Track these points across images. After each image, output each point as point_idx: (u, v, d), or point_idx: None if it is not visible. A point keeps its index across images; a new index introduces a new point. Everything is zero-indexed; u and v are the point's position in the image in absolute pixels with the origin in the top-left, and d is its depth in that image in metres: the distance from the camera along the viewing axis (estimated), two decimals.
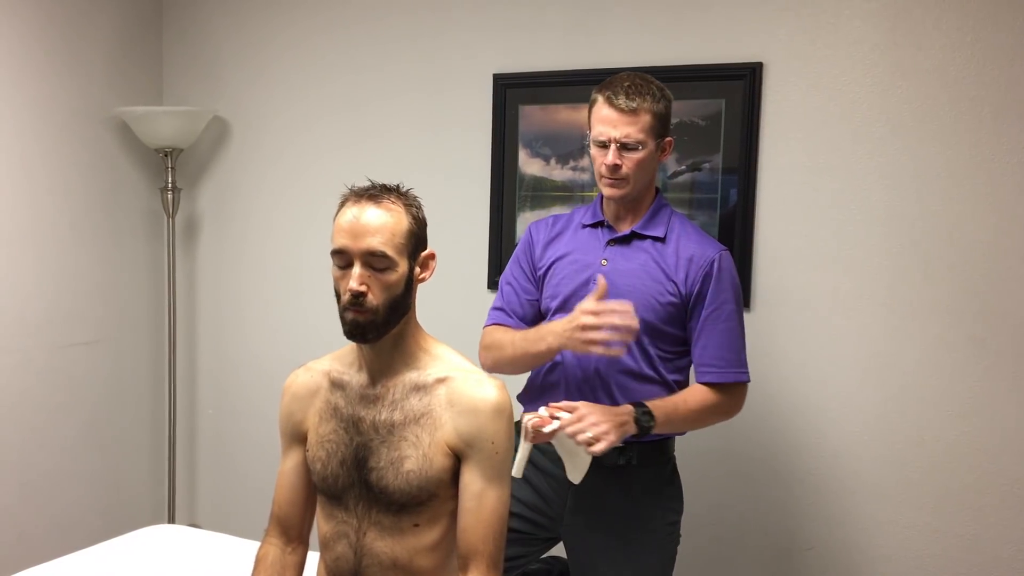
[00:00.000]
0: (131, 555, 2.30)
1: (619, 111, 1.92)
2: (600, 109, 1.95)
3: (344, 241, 1.51)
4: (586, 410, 1.83)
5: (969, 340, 2.30)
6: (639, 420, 1.87)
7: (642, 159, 1.94)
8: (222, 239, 3.31)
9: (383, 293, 1.51)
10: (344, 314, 1.53)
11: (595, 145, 1.97)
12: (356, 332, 1.53)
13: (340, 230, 1.52)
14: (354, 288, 1.49)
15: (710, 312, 1.97)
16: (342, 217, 1.53)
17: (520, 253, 2.17)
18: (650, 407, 1.89)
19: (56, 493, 3.03)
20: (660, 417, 1.89)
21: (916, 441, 2.37)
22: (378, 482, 1.57)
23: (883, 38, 2.34)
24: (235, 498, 3.34)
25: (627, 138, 1.92)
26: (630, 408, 1.88)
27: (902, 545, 2.40)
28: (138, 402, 3.32)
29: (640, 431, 1.87)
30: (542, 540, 2.11)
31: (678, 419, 1.95)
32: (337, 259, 1.53)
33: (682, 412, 1.94)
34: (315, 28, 3.07)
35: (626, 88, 1.93)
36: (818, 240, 2.44)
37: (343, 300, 1.52)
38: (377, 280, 1.51)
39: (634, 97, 1.91)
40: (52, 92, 2.92)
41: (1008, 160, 2.24)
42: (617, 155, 1.92)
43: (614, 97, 1.93)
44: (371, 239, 1.50)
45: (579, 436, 1.79)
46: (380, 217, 1.51)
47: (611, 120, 1.93)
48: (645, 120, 1.92)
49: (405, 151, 2.95)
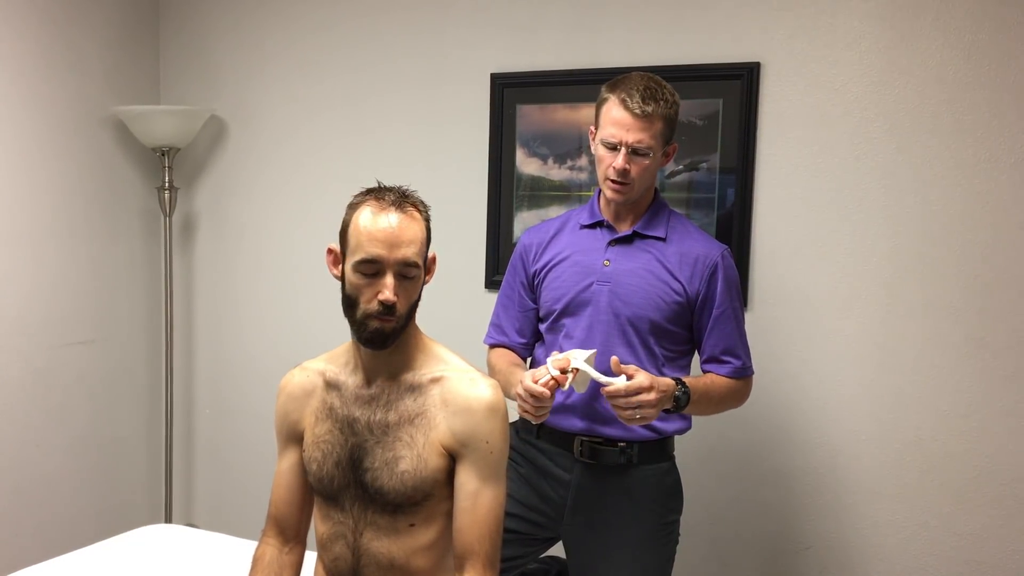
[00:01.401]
0: (128, 555, 2.29)
1: (633, 115, 1.89)
2: (612, 110, 1.92)
3: (379, 251, 1.49)
4: (648, 382, 1.78)
5: (967, 339, 2.30)
6: (678, 398, 1.87)
7: (649, 165, 1.94)
8: (219, 238, 3.31)
9: (406, 301, 1.53)
10: (367, 322, 1.51)
11: (604, 146, 1.94)
12: (378, 340, 1.53)
13: (373, 239, 1.49)
14: (388, 299, 1.48)
15: (721, 312, 1.98)
16: (372, 225, 1.50)
17: (514, 265, 2.17)
18: (688, 385, 1.90)
19: (52, 492, 3.02)
20: (694, 396, 1.90)
21: (914, 440, 2.37)
22: (373, 482, 1.56)
23: (880, 38, 2.34)
24: (232, 498, 3.34)
25: (639, 143, 1.89)
26: (673, 383, 1.87)
27: (900, 545, 2.40)
28: (135, 401, 3.31)
29: (674, 408, 1.88)
30: (541, 540, 2.11)
31: (705, 401, 1.95)
32: (365, 267, 1.50)
33: (711, 394, 1.96)
34: (313, 27, 3.06)
35: (641, 91, 1.89)
36: (815, 239, 2.44)
37: (367, 308, 1.51)
38: (403, 288, 1.51)
39: (649, 102, 1.88)
40: (49, 91, 2.91)
41: (1006, 160, 2.24)
42: (627, 159, 1.90)
43: (629, 100, 1.89)
44: (406, 249, 1.50)
45: (625, 412, 1.79)
46: (411, 227, 1.51)
47: (624, 124, 1.89)
48: (658, 127, 1.90)
49: (403, 150, 2.95)
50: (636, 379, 1.79)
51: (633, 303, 1.96)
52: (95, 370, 3.15)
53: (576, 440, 2.01)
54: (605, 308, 1.98)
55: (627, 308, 1.96)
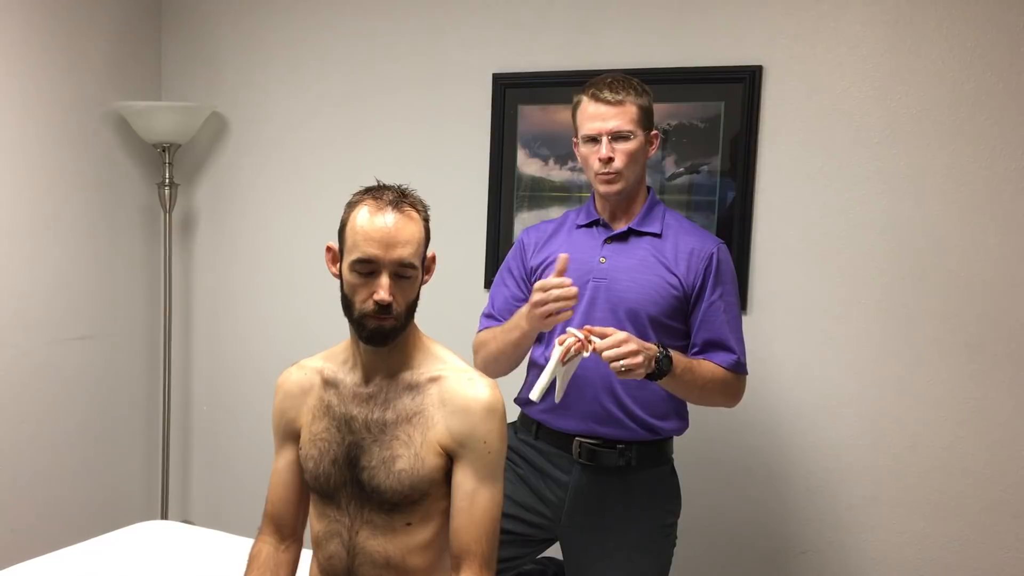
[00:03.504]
0: (124, 551, 2.29)
1: (606, 104, 1.94)
2: (586, 107, 1.97)
3: (375, 251, 1.49)
4: (624, 336, 1.78)
5: (965, 345, 2.30)
6: (659, 361, 1.84)
7: (633, 150, 1.95)
8: (219, 235, 3.31)
9: (404, 299, 1.53)
10: (364, 321, 1.52)
11: (585, 143, 1.98)
12: (378, 338, 1.53)
13: (369, 239, 1.49)
14: (384, 299, 1.49)
15: (712, 301, 1.98)
16: (368, 224, 1.50)
17: (511, 259, 2.17)
18: (671, 354, 1.87)
19: (49, 488, 3.02)
20: (676, 368, 1.86)
21: (910, 446, 2.37)
22: (370, 481, 1.56)
23: (882, 42, 2.34)
24: (228, 495, 3.33)
25: (618, 129, 1.93)
26: (656, 346, 1.85)
27: (896, 549, 2.40)
28: (132, 398, 3.31)
29: (656, 372, 1.84)
30: (538, 541, 2.11)
31: (688, 378, 1.91)
32: (361, 267, 1.50)
33: (696, 373, 1.92)
34: (314, 25, 3.06)
35: (608, 84, 1.96)
36: (816, 243, 2.44)
37: (364, 308, 1.51)
38: (400, 287, 1.52)
39: (618, 90, 1.95)
40: (51, 86, 2.91)
41: (1007, 165, 2.24)
42: (610, 147, 1.94)
43: (599, 92, 1.95)
44: (402, 250, 1.50)
45: (615, 363, 1.76)
46: (408, 227, 1.51)
47: (599, 114, 1.95)
48: (632, 111, 1.94)
49: (404, 150, 2.95)
50: (614, 337, 1.78)
51: (630, 298, 1.96)
52: (93, 366, 3.15)
53: (575, 441, 2.01)
54: (602, 304, 1.98)
55: (624, 303, 1.97)
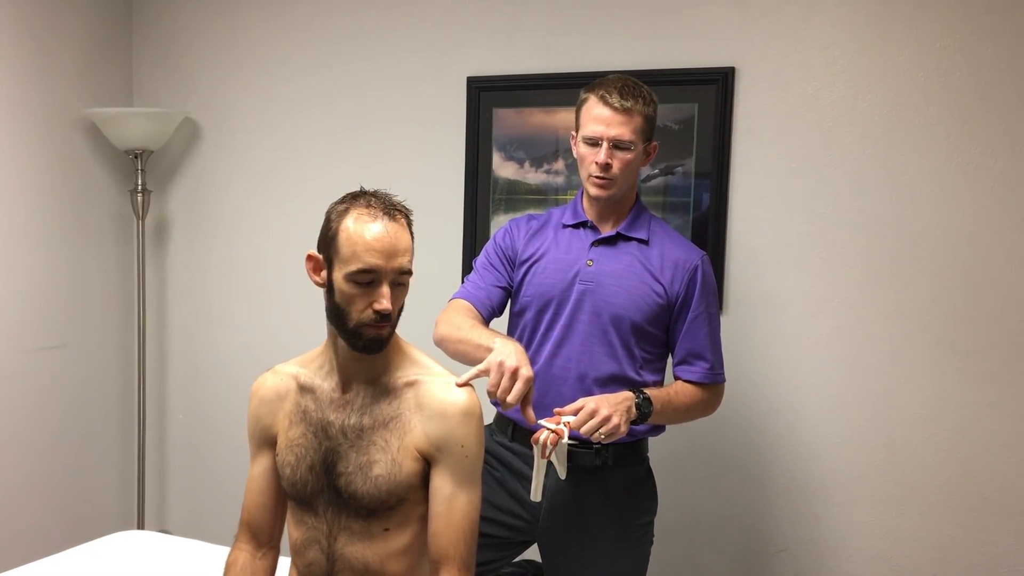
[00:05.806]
0: (100, 561, 2.27)
1: (613, 110, 1.92)
2: (593, 107, 1.96)
3: (377, 261, 1.48)
4: (593, 404, 1.79)
5: (940, 343, 2.33)
6: (640, 406, 1.86)
7: (631, 160, 1.96)
8: (192, 242, 3.28)
9: (397, 306, 1.54)
10: (362, 330, 1.51)
11: (585, 143, 1.97)
12: (375, 346, 1.53)
13: (370, 249, 1.48)
14: (386, 308, 1.49)
15: (696, 315, 1.99)
16: (368, 234, 1.48)
17: (500, 239, 2.14)
18: (648, 394, 1.90)
19: (23, 498, 2.98)
20: (657, 406, 1.89)
21: (887, 443, 2.39)
22: (347, 487, 1.55)
23: (854, 43, 2.36)
24: (205, 503, 3.31)
25: (620, 137, 1.93)
26: (629, 394, 1.87)
27: (875, 547, 2.42)
28: (107, 406, 3.28)
29: (640, 417, 1.87)
30: (516, 544, 2.11)
31: (670, 410, 1.95)
32: (361, 277, 1.49)
33: (675, 404, 1.96)
34: (287, 29, 3.05)
35: (620, 88, 1.94)
36: (790, 243, 2.45)
37: (362, 317, 1.50)
38: (395, 294, 1.52)
39: (628, 97, 1.93)
40: (20, 92, 2.88)
41: (978, 164, 2.27)
42: (609, 154, 1.93)
43: (608, 96, 1.93)
44: (401, 259, 1.50)
45: (594, 436, 1.77)
46: (403, 235, 1.52)
47: (605, 119, 1.93)
48: (637, 121, 1.94)
49: (379, 153, 2.94)
50: (584, 410, 1.77)
51: (615, 304, 1.97)
52: (67, 375, 3.11)
53: None
54: (587, 308, 1.99)
55: (609, 308, 1.97)
